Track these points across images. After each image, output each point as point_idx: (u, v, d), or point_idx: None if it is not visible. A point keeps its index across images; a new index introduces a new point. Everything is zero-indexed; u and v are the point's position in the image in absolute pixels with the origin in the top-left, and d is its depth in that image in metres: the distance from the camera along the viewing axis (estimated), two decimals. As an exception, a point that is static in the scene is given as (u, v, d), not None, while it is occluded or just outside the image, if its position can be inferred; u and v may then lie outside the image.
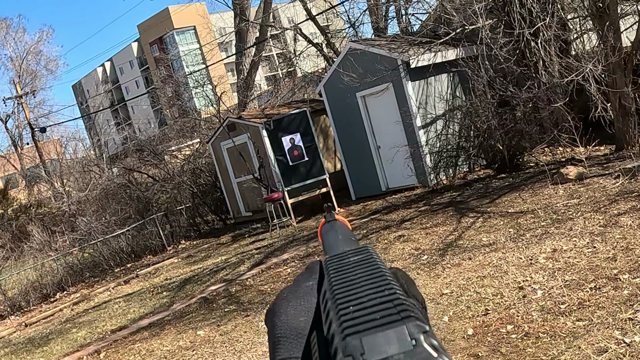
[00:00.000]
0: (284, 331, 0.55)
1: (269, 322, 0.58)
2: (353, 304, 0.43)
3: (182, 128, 24.27)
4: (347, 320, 0.41)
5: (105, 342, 8.03)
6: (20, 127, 39.32)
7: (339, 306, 0.44)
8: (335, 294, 0.46)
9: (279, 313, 0.57)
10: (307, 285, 0.59)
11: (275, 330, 0.56)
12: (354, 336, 0.39)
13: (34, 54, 45.40)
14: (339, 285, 0.48)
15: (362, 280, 0.47)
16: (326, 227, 0.79)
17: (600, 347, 3.80)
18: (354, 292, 0.45)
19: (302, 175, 12.19)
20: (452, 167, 11.47)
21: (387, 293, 0.44)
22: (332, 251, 0.62)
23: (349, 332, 0.39)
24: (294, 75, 26.64)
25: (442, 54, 11.26)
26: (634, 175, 7.70)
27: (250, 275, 9.01)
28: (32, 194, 29.03)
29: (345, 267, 0.52)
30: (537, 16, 9.77)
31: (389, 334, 0.38)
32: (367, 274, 0.48)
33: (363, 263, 0.51)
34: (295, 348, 0.53)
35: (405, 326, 0.39)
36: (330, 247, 0.69)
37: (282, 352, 0.53)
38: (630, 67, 9.26)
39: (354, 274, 0.49)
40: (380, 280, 0.47)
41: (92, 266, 14.82)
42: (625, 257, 5.19)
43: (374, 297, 0.44)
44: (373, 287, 0.45)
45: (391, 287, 0.45)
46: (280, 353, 0.53)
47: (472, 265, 6.19)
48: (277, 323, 0.56)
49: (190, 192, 16.22)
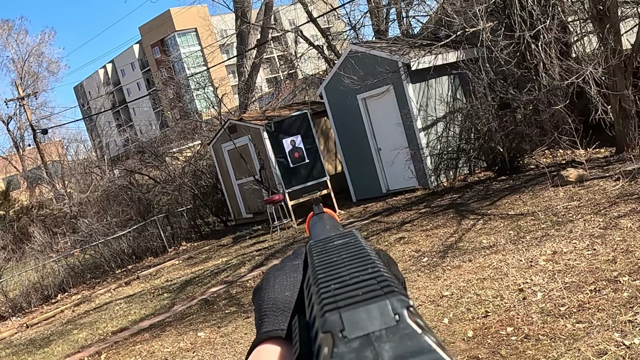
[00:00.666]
0: (270, 305, 0.56)
1: (256, 298, 0.59)
2: (335, 282, 0.42)
3: (183, 130, 24.27)
4: (328, 297, 0.39)
5: (106, 343, 8.04)
6: (22, 128, 39.36)
7: (319, 284, 0.42)
8: (317, 274, 0.45)
9: (265, 288, 0.59)
10: (293, 264, 0.61)
11: (261, 304, 0.57)
12: (333, 312, 0.37)
13: (36, 55, 45.44)
14: (322, 265, 0.46)
15: (346, 260, 0.46)
16: (314, 219, 0.79)
17: (600, 350, 3.80)
18: (336, 272, 0.44)
19: (302, 177, 12.21)
20: (453, 169, 11.49)
21: (370, 270, 0.42)
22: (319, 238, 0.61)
23: (328, 308, 0.38)
24: (295, 77, 26.67)
25: (443, 56, 11.27)
26: (634, 178, 7.70)
27: (251, 277, 9.02)
28: (34, 196, 29.05)
29: (329, 249, 0.51)
30: (537, 19, 9.78)
31: (371, 309, 0.36)
32: (351, 254, 0.47)
33: (347, 245, 0.51)
34: (281, 321, 0.54)
35: (388, 301, 0.37)
36: (317, 236, 0.67)
37: (268, 324, 0.55)
38: (631, 70, 9.27)
39: (338, 255, 0.48)
40: (364, 259, 0.45)
41: (93, 267, 14.83)
42: (625, 259, 5.18)
43: (356, 274, 0.42)
44: (356, 266, 0.44)
45: (375, 265, 0.43)
46: (266, 325, 0.55)
47: (472, 268, 6.19)
48: (264, 297, 0.58)
49: (191, 194, 16.23)
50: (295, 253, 0.64)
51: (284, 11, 27.76)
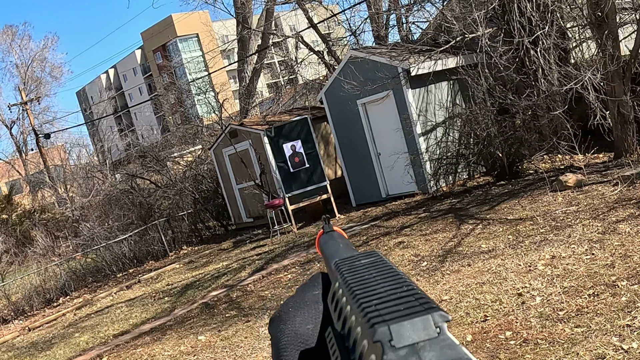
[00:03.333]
0: (290, 339, 0.56)
1: (274, 329, 0.58)
2: (374, 299, 0.44)
3: (184, 135, 24.32)
4: (372, 311, 0.42)
5: (108, 346, 8.07)
6: (25, 133, 39.41)
7: (360, 300, 0.45)
8: (353, 289, 0.47)
9: (285, 320, 0.58)
10: (313, 294, 0.60)
11: (281, 337, 0.56)
12: (381, 324, 0.40)
13: (39, 61, 45.60)
14: (355, 281, 0.49)
15: (378, 278, 0.48)
16: (325, 238, 0.79)
17: (598, 354, 3.79)
18: (371, 288, 0.46)
19: (302, 182, 12.24)
20: (452, 174, 11.51)
21: (405, 289, 0.45)
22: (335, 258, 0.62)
23: (376, 321, 0.40)
24: (296, 82, 26.70)
25: (442, 62, 11.31)
26: (633, 183, 7.71)
27: (251, 281, 9.03)
28: (36, 200, 29.09)
29: (357, 267, 0.53)
30: (536, 25, 9.81)
31: (415, 322, 0.39)
32: (381, 273, 0.50)
33: (376, 264, 0.53)
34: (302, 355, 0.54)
35: (430, 315, 0.40)
36: (332, 254, 0.68)
37: (288, 357, 0.54)
38: (629, 76, 9.28)
39: (368, 273, 0.50)
40: (397, 278, 0.48)
41: (95, 271, 14.87)
42: (624, 264, 5.18)
43: (393, 292, 0.45)
44: (390, 284, 0.47)
45: (409, 284, 0.46)
46: (286, 358, 0.54)
47: (471, 272, 6.19)
48: (284, 330, 0.57)
49: (192, 198, 16.27)
50: (312, 279, 0.63)
51: (284, 17, 27.86)
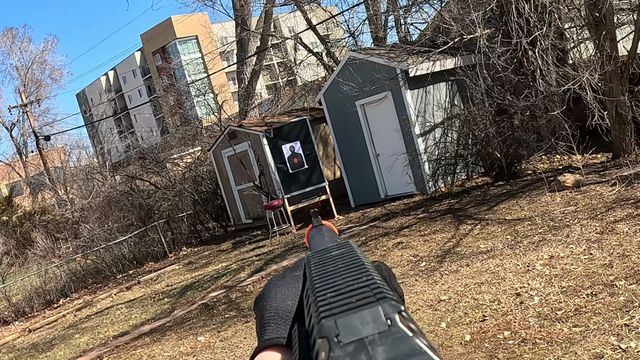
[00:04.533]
0: (272, 313, 0.58)
1: (258, 306, 0.61)
2: (330, 291, 0.44)
3: (183, 136, 24.34)
4: (324, 304, 0.42)
5: (108, 347, 8.08)
6: (25, 135, 39.47)
7: (316, 293, 0.45)
8: (315, 284, 0.47)
9: (268, 297, 0.60)
10: (294, 274, 0.63)
11: (264, 312, 0.59)
12: (328, 318, 0.39)
13: (39, 63, 45.70)
14: (318, 275, 0.49)
15: (342, 270, 0.48)
16: (313, 232, 0.82)
17: (597, 353, 3.81)
18: (332, 281, 0.46)
19: (302, 183, 12.26)
20: (451, 175, 11.53)
21: (364, 278, 0.44)
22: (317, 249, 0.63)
23: (324, 315, 0.40)
24: (294, 84, 26.70)
25: (441, 63, 11.33)
26: (630, 183, 7.72)
27: (251, 282, 9.05)
28: (37, 201, 29.10)
29: (326, 260, 0.53)
30: (534, 26, 9.84)
31: (364, 314, 0.38)
32: (347, 264, 0.50)
33: (344, 255, 0.53)
34: (283, 329, 0.56)
35: (380, 306, 0.39)
36: (315, 247, 0.71)
37: (270, 332, 0.56)
38: (627, 76, 9.30)
39: (334, 265, 0.50)
40: (359, 268, 0.48)
41: (95, 273, 14.88)
42: (622, 263, 5.19)
43: (351, 283, 0.44)
44: (351, 275, 0.46)
45: (369, 274, 0.45)
46: (268, 333, 0.56)
47: (470, 272, 6.20)
48: (266, 306, 0.59)
49: (191, 200, 16.28)
50: (296, 264, 0.65)
51: (283, 19, 27.89)
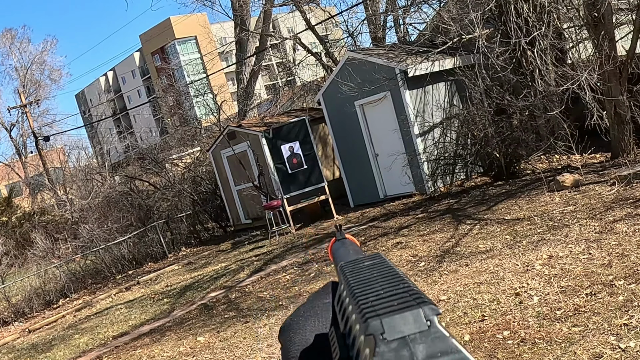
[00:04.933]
0: (300, 347, 0.57)
1: (285, 337, 0.59)
2: (371, 296, 0.47)
3: (183, 137, 24.32)
4: (367, 307, 0.45)
5: (107, 348, 8.08)
6: (25, 135, 39.52)
7: (357, 297, 0.47)
8: (353, 289, 0.50)
9: (295, 329, 0.59)
10: (324, 302, 0.61)
11: (291, 346, 0.57)
12: (374, 318, 0.42)
13: (38, 63, 45.75)
14: (356, 282, 0.52)
15: (378, 278, 0.51)
16: (337, 245, 0.84)
17: (596, 353, 3.81)
18: (370, 287, 0.49)
19: (301, 183, 12.27)
20: (450, 175, 11.54)
21: (401, 286, 0.48)
22: None
23: (370, 315, 0.43)
24: (293, 84, 26.72)
25: (440, 63, 11.34)
26: (630, 183, 7.73)
27: (250, 282, 9.05)
28: (36, 202, 29.11)
29: (360, 269, 0.56)
30: (533, 25, 9.84)
31: (406, 316, 0.42)
32: (382, 273, 0.53)
33: (377, 265, 0.56)
34: None
35: (420, 309, 0.42)
36: (342, 259, 0.71)
37: None
38: (625, 76, 9.31)
39: (370, 274, 0.53)
40: (394, 276, 0.51)
41: (94, 273, 14.89)
42: (621, 263, 5.20)
43: (389, 289, 0.47)
44: (388, 282, 0.49)
45: (405, 282, 0.49)
46: None
47: (469, 272, 6.21)
48: (294, 339, 0.58)
49: (190, 200, 16.28)
50: (324, 289, 0.64)
51: (282, 19, 27.89)
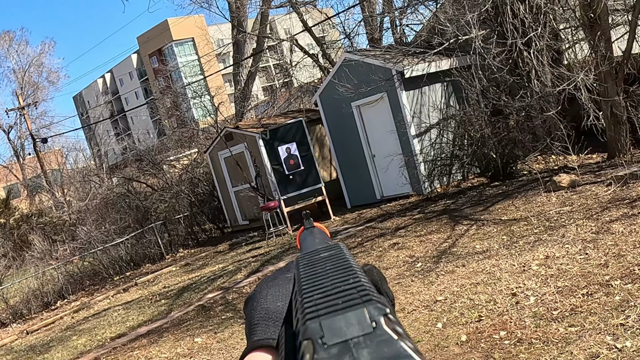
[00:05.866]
0: (262, 314, 0.58)
1: (247, 307, 0.61)
2: (317, 292, 0.44)
3: (180, 138, 24.34)
4: (310, 306, 0.42)
5: (105, 349, 8.08)
6: (23, 137, 39.55)
7: (303, 294, 0.45)
8: (302, 285, 0.47)
9: (258, 298, 0.60)
10: (286, 276, 0.62)
11: (254, 313, 0.59)
12: (313, 320, 0.39)
13: (36, 66, 45.74)
14: (306, 277, 0.49)
15: (330, 272, 0.48)
16: (305, 234, 0.83)
17: (592, 353, 3.83)
18: (319, 282, 0.46)
19: (298, 184, 12.29)
20: (446, 176, 11.55)
21: (351, 280, 0.45)
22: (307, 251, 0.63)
23: (310, 317, 0.40)
24: (290, 85, 26.76)
25: (436, 64, 11.35)
26: (626, 183, 7.76)
27: (247, 283, 9.06)
28: (34, 204, 29.10)
29: (314, 261, 0.54)
30: (529, 26, 9.85)
31: (349, 317, 0.38)
32: (335, 266, 0.50)
33: (332, 257, 0.53)
34: (273, 330, 0.56)
35: (365, 309, 0.39)
36: (306, 249, 0.71)
37: (259, 333, 0.56)
38: (621, 76, 9.34)
39: (322, 267, 0.51)
40: (347, 270, 0.48)
41: (92, 274, 14.86)
42: (617, 263, 5.23)
43: (338, 284, 0.44)
44: (339, 277, 0.46)
45: (356, 276, 0.46)
46: (258, 334, 0.56)
47: (466, 273, 6.22)
48: (256, 307, 0.59)
49: (188, 201, 16.27)
50: (287, 266, 0.64)
51: (279, 20, 27.90)
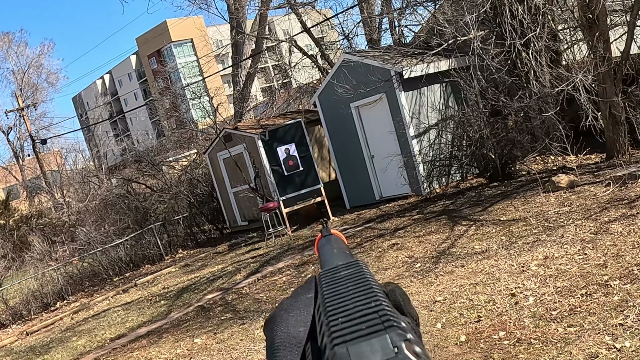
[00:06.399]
0: (283, 339, 0.57)
1: (269, 331, 0.60)
2: (342, 315, 0.47)
3: (179, 139, 24.34)
4: (336, 330, 0.44)
5: (105, 350, 8.08)
6: (22, 139, 39.61)
7: (329, 317, 0.47)
8: (327, 306, 0.50)
9: (279, 322, 0.60)
10: (307, 297, 0.62)
11: (274, 338, 0.58)
12: (341, 345, 0.42)
13: (35, 67, 45.81)
14: (330, 297, 0.52)
15: (351, 293, 0.51)
16: (322, 242, 0.84)
17: (591, 353, 3.84)
18: (343, 304, 0.49)
19: (297, 185, 12.29)
20: (445, 176, 11.56)
21: (373, 305, 0.47)
22: (327, 265, 0.67)
23: (337, 342, 0.42)
24: (289, 86, 26.80)
25: (435, 64, 11.37)
26: (624, 183, 7.78)
27: (247, 284, 9.06)
28: (33, 205, 29.06)
29: (336, 280, 0.56)
30: (528, 27, 9.87)
31: (373, 343, 0.41)
32: (356, 287, 0.52)
33: (353, 276, 0.56)
34: (293, 356, 0.56)
35: (387, 335, 0.42)
36: (325, 261, 0.73)
37: (281, 357, 0.56)
38: (620, 77, 9.36)
39: (344, 287, 0.53)
40: (368, 292, 0.50)
41: (92, 275, 14.85)
42: (616, 263, 5.23)
43: (361, 308, 0.47)
44: (361, 299, 0.49)
45: (377, 299, 0.48)
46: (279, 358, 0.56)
47: (465, 273, 6.23)
48: (277, 332, 0.59)
49: (187, 202, 16.27)
50: (308, 284, 0.64)
51: (278, 21, 27.90)
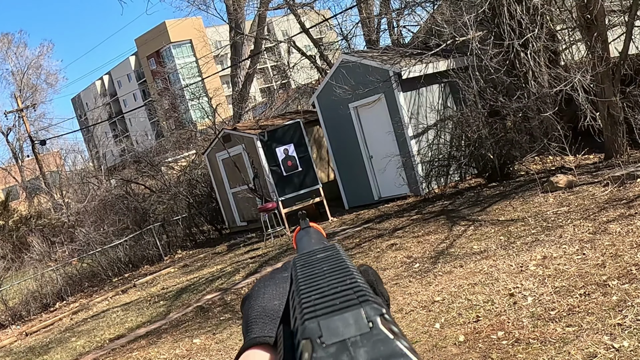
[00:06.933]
0: (259, 312, 0.59)
1: (244, 306, 0.62)
2: (315, 293, 0.45)
3: (178, 140, 24.36)
4: (308, 306, 0.43)
5: (104, 350, 8.08)
6: (21, 139, 39.64)
7: (301, 295, 0.46)
8: (300, 286, 0.48)
9: (255, 297, 0.61)
10: (282, 275, 0.63)
11: (250, 311, 0.60)
12: (312, 320, 0.40)
13: (35, 68, 45.85)
14: (304, 278, 0.50)
15: (326, 273, 0.50)
16: (301, 234, 0.84)
17: (590, 353, 3.84)
18: (317, 283, 0.47)
19: (295, 186, 12.29)
20: (444, 176, 11.57)
21: (347, 281, 0.46)
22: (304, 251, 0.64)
23: (308, 317, 0.41)
24: (288, 87, 26.80)
25: (433, 65, 11.37)
26: (623, 183, 7.78)
27: (246, 284, 9.06)
28: (33, 206, 29.05)
29: (311, 262, 0.55)
30: (526, 27, 9.89)
31: (346, 317, 0.40)
32: (331, 267, 0.51)
33: (329, 258, 0.54)
34: (270, 328, 0.56)
35: (362, 309, 0.40)
36: (302, 248, 0.72)
37: (256, 331, 0.57)
38: (618, 77, 9.37)
39: (319, 268, 0.52)
40: (343, 271, 0.49)
41: (91, 276, 14.85)
42: (614, 263, 5.23)
43: (335, 285, 0.46)
44: (335, 278, 0.48)
45: (353, 277, 0.47)
46: (255, 332, 0.57)
47: (464, 273, 6.23)
48: (253, 305, 0.60)
49: (186, 203, 16.28)
50: (284, 265, 0.65)
51: (277, 22, 27.90)
